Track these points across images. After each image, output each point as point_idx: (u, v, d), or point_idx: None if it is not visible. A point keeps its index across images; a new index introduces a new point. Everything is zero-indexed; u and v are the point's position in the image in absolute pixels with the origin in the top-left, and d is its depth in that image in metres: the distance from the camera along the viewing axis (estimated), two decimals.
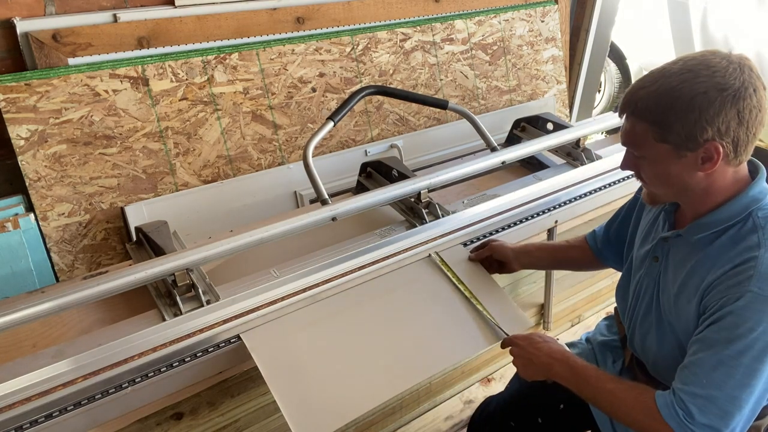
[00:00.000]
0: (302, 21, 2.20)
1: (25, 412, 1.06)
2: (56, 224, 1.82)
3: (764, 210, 1.04)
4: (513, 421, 1.42)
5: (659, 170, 1.05)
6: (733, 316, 0.97)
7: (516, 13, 2.75)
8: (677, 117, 0.98)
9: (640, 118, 1.02)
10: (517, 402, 1.45)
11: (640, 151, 1.06)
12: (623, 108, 1.06)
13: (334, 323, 1.33)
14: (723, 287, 1.01)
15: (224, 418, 1.44)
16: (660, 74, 1.01)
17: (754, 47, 3.48)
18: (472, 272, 1.49)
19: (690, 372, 1.00)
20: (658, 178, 1.07)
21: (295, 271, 1.37)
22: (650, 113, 1.01)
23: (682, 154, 1.01)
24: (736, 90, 0.96)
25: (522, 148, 1.79)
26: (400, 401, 1.83)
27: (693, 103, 0.97)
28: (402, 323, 1.36)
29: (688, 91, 0.97)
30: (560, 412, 1.38)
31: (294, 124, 2.21)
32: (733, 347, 0.96)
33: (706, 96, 0.96)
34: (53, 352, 1.12)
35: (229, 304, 1.26)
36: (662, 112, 0.99)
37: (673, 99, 0.98)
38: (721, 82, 0.96)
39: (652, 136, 1.02)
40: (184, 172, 2.02)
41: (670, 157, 1.02)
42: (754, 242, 1.01)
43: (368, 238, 1.51)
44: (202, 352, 1.23)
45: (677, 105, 0.98)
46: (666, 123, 0.99)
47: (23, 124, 1.73)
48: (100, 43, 1.84)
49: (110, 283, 1.14)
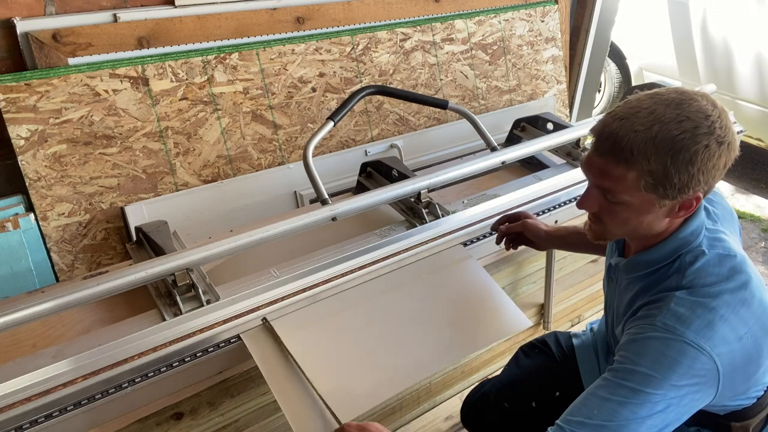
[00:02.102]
0: (302, 21, 2.20)
1: (25, 412, 1.06)
2: (56, 224, 1.82)
3: (692, 254, 1.00)
4: (507, 403, 1.43)
5: (632, 216, 0.98)
6: (629, 350, 0.96)
7: (516, 13, 2.75)
8: (677, 170, 0.91)
9: (630, 165, 0.93)
10: (513, 385, 1.45)
11: (619, 198, 0.96)
12: (608, 149, 0.94)
13: (333, 323, 1.33)
14: (634, 322, 0.99)
15: (224, 418, 1.44)
16: (654, 118, 0.92)
17: (754, 48, 3.49)
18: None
19: (581, 403, 0.98)
20: (626, 223, 1.00)
21: (295, 271, 1.37)
22: (647, 162, 0.91)
23: (664, 204, 0.96)
24: (730, 142, 0.93)
25: (522, 148, 1.79)
26: (400, 401, 1.83)
27: (696, 156, 0.90)
28: (401, 322, 1.36)
29: (690, 143, 0.90)
30: (555, 399, 1.38)
31: (294, 124, 2.21)
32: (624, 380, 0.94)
33: (708, 150, 0.91)
34: (53, 351, 1.12)
35: (229, 304, 1.26)
36: (662, 163, 0.91)
37: (675, 151, 0.90)
38: (721, 134, 0.91)
39: (643, 185, 0.93)
40: (184, 172, 2.02)
41: (652, 206, 0.96)
42: (672, 284, 0.99)
43: (368, 238, 1.51)
44: (202, 352, 1.23)
45: (680, 157, 0.90)
46: (664, 175, 0.91)
47: (23, 124, 1.73)
48: (100, 42, 1.84)
49: (111, 283, 1.14)
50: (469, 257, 1.57)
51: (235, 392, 1.43)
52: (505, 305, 1.44)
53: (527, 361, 1.49)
